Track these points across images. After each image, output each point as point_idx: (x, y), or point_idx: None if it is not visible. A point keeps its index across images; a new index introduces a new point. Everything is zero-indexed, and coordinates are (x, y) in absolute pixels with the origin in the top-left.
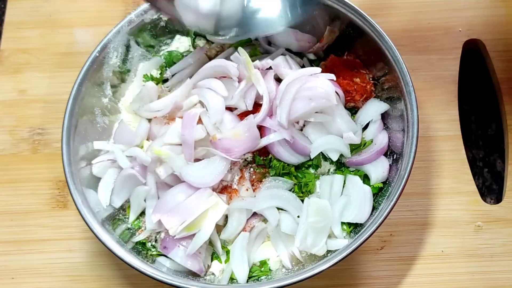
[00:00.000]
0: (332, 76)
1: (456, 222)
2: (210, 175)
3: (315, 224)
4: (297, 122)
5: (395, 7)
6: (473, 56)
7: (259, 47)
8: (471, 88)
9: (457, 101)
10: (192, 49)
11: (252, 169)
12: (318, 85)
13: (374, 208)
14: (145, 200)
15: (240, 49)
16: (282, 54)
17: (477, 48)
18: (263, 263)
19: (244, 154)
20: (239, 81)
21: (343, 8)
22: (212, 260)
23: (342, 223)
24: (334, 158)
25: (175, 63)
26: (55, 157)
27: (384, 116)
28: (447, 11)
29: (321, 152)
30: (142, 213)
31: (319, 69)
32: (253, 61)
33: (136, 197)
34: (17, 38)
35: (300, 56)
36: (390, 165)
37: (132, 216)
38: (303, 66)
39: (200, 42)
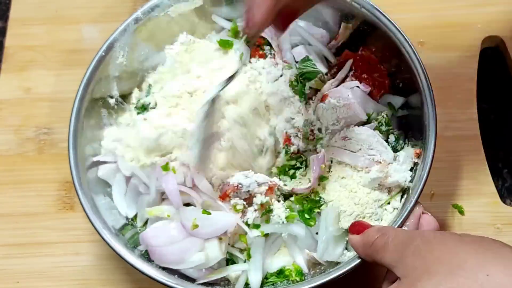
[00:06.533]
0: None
1: (475, 225)
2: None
3: (336, 232)
4: None
5: (411, 2)
6: (493, 53)
7: None
8: (490, 87)
9: (476, 99)
10: None
11: None
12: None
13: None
14: None
15: None
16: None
17: (496, 45)
18: (280, 271)
19: None
20: None
21: (357, 3)
22: (227, 264)
23: None
24: None
25: None
26: (62, 158)
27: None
28: (465, 6)
29: None
30: None
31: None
32: None
33: (141, 206)
34: (22, 34)
35: None
36: None
37: (139, 222)
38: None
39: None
